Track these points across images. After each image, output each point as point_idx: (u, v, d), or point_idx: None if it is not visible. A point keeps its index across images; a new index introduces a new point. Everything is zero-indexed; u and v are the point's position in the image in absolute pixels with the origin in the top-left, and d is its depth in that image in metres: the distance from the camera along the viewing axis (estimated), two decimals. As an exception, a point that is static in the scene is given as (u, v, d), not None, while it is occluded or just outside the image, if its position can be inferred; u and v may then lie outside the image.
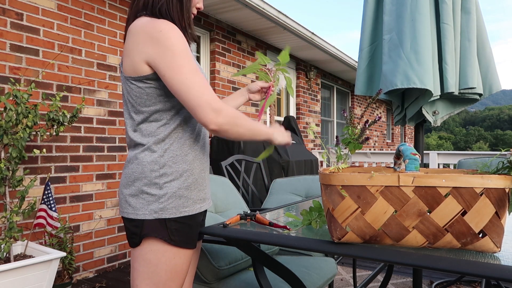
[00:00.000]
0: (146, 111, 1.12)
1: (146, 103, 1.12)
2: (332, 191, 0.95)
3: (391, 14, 2.01)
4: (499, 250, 0.90)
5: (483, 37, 2.14)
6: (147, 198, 1.11)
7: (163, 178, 1.11)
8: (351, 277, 3.15)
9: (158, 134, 1.12)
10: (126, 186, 1.14)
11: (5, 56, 2.65)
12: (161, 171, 1.11)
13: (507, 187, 0.87)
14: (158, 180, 1.11)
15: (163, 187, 1.11)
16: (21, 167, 2.72)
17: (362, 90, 2.20)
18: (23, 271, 2.19)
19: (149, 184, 1.11)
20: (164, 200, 1.11)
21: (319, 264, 1.96)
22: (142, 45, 1.06)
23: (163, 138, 1.12)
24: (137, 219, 1.12)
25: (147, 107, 1.12)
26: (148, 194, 1.11)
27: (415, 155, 0.96)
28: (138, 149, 1.14)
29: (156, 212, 1.10)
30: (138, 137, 1.14)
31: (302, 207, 1.66)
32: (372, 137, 9.91)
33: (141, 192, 1.12)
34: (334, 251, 0.99)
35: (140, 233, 1.13)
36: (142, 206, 1.11)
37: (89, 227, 3.18)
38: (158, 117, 1.13)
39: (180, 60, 1.05)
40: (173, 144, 1.13)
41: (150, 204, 1.11)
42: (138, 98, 1.12)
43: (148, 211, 1.11)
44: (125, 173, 1.17)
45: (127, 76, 1.12)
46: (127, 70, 1.11)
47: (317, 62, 6.80)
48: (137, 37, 1.07)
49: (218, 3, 4.16)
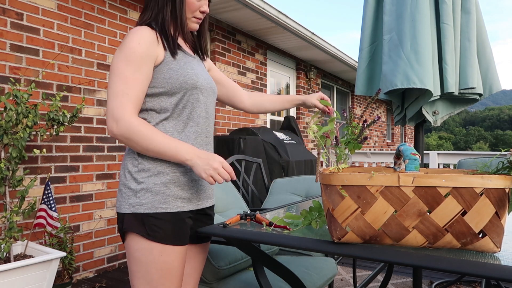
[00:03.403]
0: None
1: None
2: (332, 191, 0.95)
3: (391, 14, 2.01)
4: (499, 250, 0.90)
5: (483, 37, 2.14)
6: (127, 193, 1.15)
7: (141, 174, 1.15)
8: (351, 277, 3.15)
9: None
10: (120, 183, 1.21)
11: (5, 56, 2.65)
12: (140, 167, 1.15)
13: (507, 187, 0.87)
14: (137, 175, 1.15)
15: (140, 182, 1.14)
16: (21, 167, 2.72)
17: (362, 90, 2.20)
18: (23, 271, 2.19)
19: (130, 179, 1.16)
20: (140, 195, 1.13)
21: (319, 264, 1.96)
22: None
23: None
24: (119, 213, 1.17)
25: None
26: (128, 189, 1.15)
27: (415, 155, 0.96)
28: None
29: (133, 206, 1.13)
30: None
31: (302, 207, 1.66)
32: (372, 137, 9.91)
33: (124, 185, 1.17)
34: (334, 251, 0.99)
35: (122, 228, 1.17)
36: (124, 200, 1.15)
37: (89, 227, 3.18)
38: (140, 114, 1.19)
39: (118, 63, 1.11)
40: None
41: (129, 198, 1.14)
42: None
43: (127, 205, 1.14)
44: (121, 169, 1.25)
45: None
46: None
47: (317, 62, 6.80)
48: None
49: (218, 3, 4.16)
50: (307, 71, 6.71)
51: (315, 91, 7.04)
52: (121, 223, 1.17)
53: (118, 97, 1.09)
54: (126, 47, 1.12)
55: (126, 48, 1.12)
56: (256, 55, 5.39)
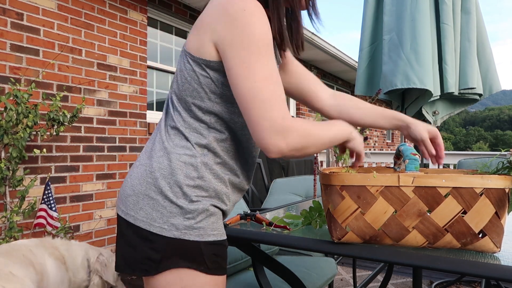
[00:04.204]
0: (188, 102, 0.89)
1: (193, 93, 0.88)
2: (332, 191, 0.95)
3: (391, 14, 2.02)
4: (499, 250, 0.90)
5: (483, 38, 2.14)
6: (169, 208, 0.85)
7: (197, 191, 0.87)
8: (351, 277, 3.15)
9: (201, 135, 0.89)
10: (144, 183, 0.88)
11: (5, 56, 2.65)
12: (198, 182, 0.87)
13: (507, 187, 0.87)
14: (190, 190, 0.86)
15: (194, 201, 0.86)
16: (21, 167, 2.72)
17: (362, 90, 2.21)
18: (23, 271, 2.19)
19: (177, 191, 0.86)
20: (192, 216, 0.85)
21: (319, 264, 1.96)
22: (218, 21, 0.82)
23: (206, 144, 0.89)
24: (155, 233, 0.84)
25: (193, 99, 0.88)
26: (172, 204, 0.85)
27: (415, 155, 0.96)
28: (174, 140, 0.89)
29: (178, 229, 0.84)
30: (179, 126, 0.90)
31: (302, 207, 1.66)
32: (372, 137, 9.91)
33: (164, 197, 0.85)
34: (334, 251, 0.99)
35: (161, 260, 0.83)
36: (160, 216, 0.85)
37: (89, 227, 3.18)
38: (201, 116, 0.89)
39: (255, 57, 0.80)
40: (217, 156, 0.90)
41: (171, 217, 0.84)
42: (186, 83, 0.88)
43: (168, 226, 0.84)
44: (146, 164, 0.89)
45: (187, 51, 0.89)
46: (191, 46, 0.88)
47: (317, 62, 6.80)
48: (214, 11, 0.84)
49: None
50: (307, 71, 6.71)
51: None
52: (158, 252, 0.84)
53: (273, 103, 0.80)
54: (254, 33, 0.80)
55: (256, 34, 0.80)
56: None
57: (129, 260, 0.87)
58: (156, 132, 0.95)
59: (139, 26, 3.64)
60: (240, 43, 0.80)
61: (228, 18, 0.81)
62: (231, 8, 0.81)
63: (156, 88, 4.05)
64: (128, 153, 3.51)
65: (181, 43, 4.35)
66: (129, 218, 0.87)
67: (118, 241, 0.91)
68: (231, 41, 0.81)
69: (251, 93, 0.80)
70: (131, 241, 0.87)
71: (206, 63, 0.86)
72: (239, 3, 0.81)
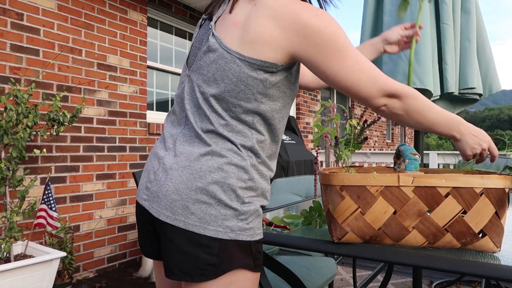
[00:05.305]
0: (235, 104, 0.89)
1: (239, 95, 0.88)
2: (332, 191, 0.95)
3: (391, 14, 2.02)
4: (499, 250, 0.90)
5: (483, 37, 2.14)
6: (223, 211, 0.86)
7: (248, 192, 0.89)
8: (351, 277, 3.15)
9: (246, 137, 0.90)
10: (192, 187, 0.86)
11: (5, 56, 2.65)
12: (249, 183, 0.89)
13: (507, 187, 0.87)
14: (243, 192, 0.88)
15: (247, 203, 0.89)
16: (21, 167, 2.72)
17: (362, 90, 2.20)
18: (23, 271, 2.19)
19: (231, 195, 0.87)
20: (244, 217, 0.88)
21: (319, 264, 1.96)
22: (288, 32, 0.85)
23: (251, 146, 0.91)
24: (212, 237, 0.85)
25: (239, 100, 0.88)
26: (227, 207, 0.86)
27: (415, 155, 0.97)
28: (219, 144, 0.89)
29: (234, 231, 0.86)
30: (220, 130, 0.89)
31: (302, 207, 1.66)
32: (372, 137, 9.91)
33: (218, 201, 0.86)
34: (334, 251, 0.99)
35: (221, 264, 0.84)
36: (215, 219, 0.85)
37: (89, 227, 3.19)
38: (245, 117, 0.90)
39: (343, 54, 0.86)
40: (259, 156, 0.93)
41: (226, 220, 0.86)
42: (230, 84, 0.87)
43: (223, 228, 0.85)
44: (193, 168, 0.88)
45: (231, 50, 0.87)
46: (235, 44, 0.87)
47: (317, 62, 6.80)
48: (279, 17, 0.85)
49: None
50: (307, 71, 6.71)
51: (315, 91, 7.03)
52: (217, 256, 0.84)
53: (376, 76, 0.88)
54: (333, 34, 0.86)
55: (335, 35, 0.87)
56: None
57: (185, 267, 0.86)
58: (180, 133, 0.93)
59: (139, 26, 3.64)
60: (326, 48, 0.85)
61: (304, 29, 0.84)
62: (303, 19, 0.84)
63: (156, 88, 4.05)
64: (128, 153, 3.51)
65: (181, 43, 4.35)
66: (179, 223, 0.86)
67: (166, 249, 0.88)
68: (317, 48, 0.85)
69: (356, 83, 0.87)
70: (183, 247, 0.85)
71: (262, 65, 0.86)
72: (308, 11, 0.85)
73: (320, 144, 1.25)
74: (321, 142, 1.23)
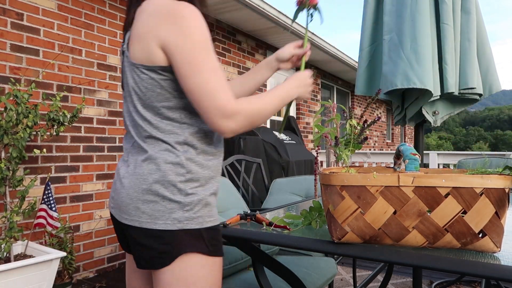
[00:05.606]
0: (157, 106, 0.98)
1: (158, 98, 0.97)
2: (332, 191, 0.95)
3: (391, 14, 2.02)
4: (499, 250, 0.90)
5: (483, 37, 2.14)
6: (169, 205, 0.95)
7: (190, 184, 0.97)
8: (351, 277, 3.15)
9: (176, 134, 0.98)
10: (139, 190, 0.97)
11: (5, 56, 2.65)
12: (188, 176, 0.97)
13: (507, 187, 0.87)
14: (184, 185, 0.96)
15: (190, 194, 0.97)
16: (22, 167, 2.72)
17: (362, 90, 2.20)
18: (24, 271, 2.19)
19: (173, 190, 0.96)
20: (190, 208, 0.96)
21: (319, 264, 1.96)
22: (160, 28, 0.92)
23: (184, 141, 0.98)
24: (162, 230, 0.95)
25: (159, 102, 0.97)
26: (171, 201, 0.95)
27: (415, 155, 0.97)
28: (155, 147, 0.98)
29: (181, 221, 0.95)
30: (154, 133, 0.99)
31: (302, 207, 1.66)
32: (372, 137, 9.91)
33: (162, 198, 0.95)
34: (334, 251, 0.99)
35: (172, 250, 0.95)
36: (162, 214, 0.95)
37: (89, 227, 3.19)
38: (172, 115, 0.98)
39: (200, 56, 0.92)
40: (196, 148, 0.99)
41: (172, 213, 0.95)
42: (149, 91, 0.97)
43: (171, 220, 0.95)
44: (137, 173, 0.99)
45: (137, 63, 0.97)
46: (138, 57, 0.96)
47: (317, 62, 6.80)
48: (155, 18, 0.94)
49: (218, 3, 4.16)
50: (307, 71, 6.71)
51: (315, 91, 7.04)
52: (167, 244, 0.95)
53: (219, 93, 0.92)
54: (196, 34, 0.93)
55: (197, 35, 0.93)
56: (256, 55, 5.39)
57: (147, 258, 0.97)
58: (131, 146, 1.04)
59: (139, 26, 3.64)
60: (184, 45, 0.91)
61: (169, 24, 0.92)
62: (170, 15, 0.92)
63: (156, 88, 4.05)
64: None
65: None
66: (135, 223, 0.97)
67: (132, 245, 1.00)
68: (176, 44, 0.92)
69: (199, 87, 0.92)
70: (142, 241, 0.97)
71: (161, 68, 0.95)
72: (177, 8, 0.93)
73: (320, 144, 1.25)
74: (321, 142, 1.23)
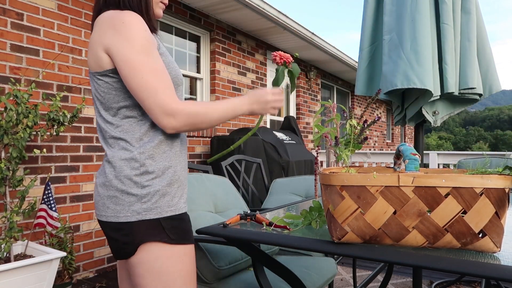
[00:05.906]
0: (116, 107, 1.06)
1: (115, 99, 1.06)
2: (332, 191, 0.95)
3: (391, 14, 2.02)
4: (499, 250, 0.90)
5: (483, 37, 2.14)
6: (127, 199, 1.03)
7: (145, 176, 1.04)
8: (351, 277, 3.15)
9: (133, 131, 1.06)
10: (104, 187, 1.06)
11: (5, 56, 2.65)
12: (142, 169, 1.04)
13: (507, 187, 0.87)
14: (139, 178, 1.04)
15: (145, 186, 1.04)
16: (22, 167, 2.72)
17: (362, 90, 2.21)
18: (24, 271, 2.19)
19: (130, 184, 1.04)
20: (147, 199, 1.03)
21: (319, 264, 1.96)
22: (105, 35, 1.01)
23: (140, 136, 1.06)
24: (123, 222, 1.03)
25: (117, 103, 1.06)
26: (129, 195, 1.03)
27: (415, 155, 0.97)
28: (114, 147, 1.07)
29: (140, 213, 1.03)
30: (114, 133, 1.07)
31: (302, 207, 1.66)
32: (372, 137, 9.91)
33: (121, 192, 1.04)
34: (334, 251, 0.99)
35: (133, 241, 1.03)
36: (123, 208, 1.03)
37: (89, 227, 3.19)
38: (130, 113, 1.06)
39: (138, 57, 1.00)
40: (151, 141, 1.06)
41: (131, 205, 1.03)
42: (106, 94, 1.06)
43: (130, 213, 1.03)
44: (102, 173, 1.09)
45: (93, 72, 1.07)
46: (92, 65, 1.06)
47: (317, 62, 6.80)
48: (101, 28, 1.03)
49: (218, 3, 4.16)
50: (307, 71, 6.71)
51: (315, 91, 7.04)
52: (128, 235, 1.03)
53: (159, 92, 1.00)
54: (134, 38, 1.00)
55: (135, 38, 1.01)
56: (256, 55, 5.39)
57: (116, 249, 1.08)
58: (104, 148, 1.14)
59: (139, 26, 3.64)
60: (123, 48, 1.00)
61: (111, 30, 1.01)
62: (112, 22, 1.01)
63: (156, 88, 4.05)
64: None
65: (181, 43, 4.35)
66: (103, 218, 1.07)
67: (107, 239, 1.11)
68: (116, 47, 1.00)
69: (141, 86, 1.00)
70: (110, 234, 1.07)
71: (111, 71, 1.04)
72: (118, 16, 1.01)
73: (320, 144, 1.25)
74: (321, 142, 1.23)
